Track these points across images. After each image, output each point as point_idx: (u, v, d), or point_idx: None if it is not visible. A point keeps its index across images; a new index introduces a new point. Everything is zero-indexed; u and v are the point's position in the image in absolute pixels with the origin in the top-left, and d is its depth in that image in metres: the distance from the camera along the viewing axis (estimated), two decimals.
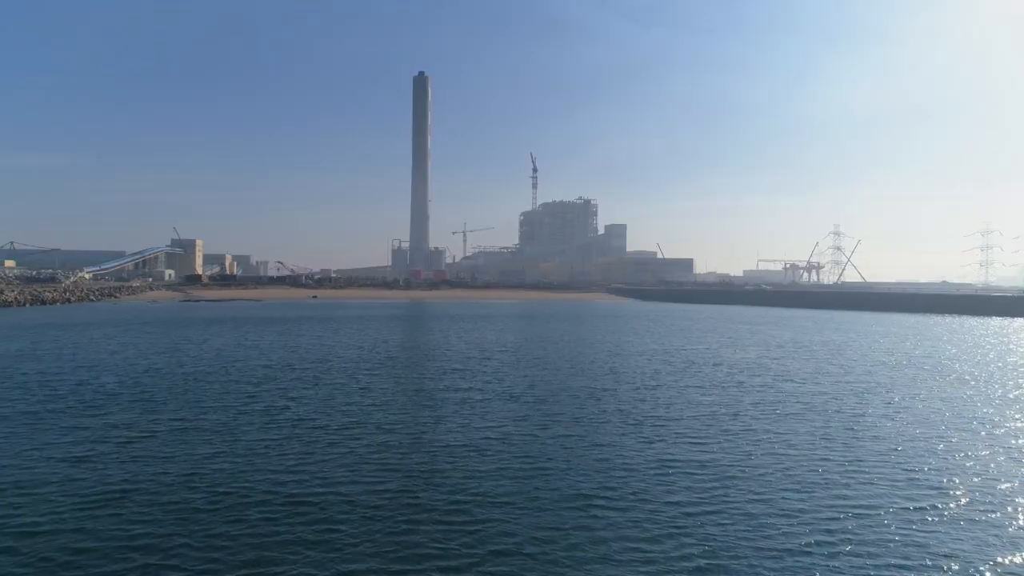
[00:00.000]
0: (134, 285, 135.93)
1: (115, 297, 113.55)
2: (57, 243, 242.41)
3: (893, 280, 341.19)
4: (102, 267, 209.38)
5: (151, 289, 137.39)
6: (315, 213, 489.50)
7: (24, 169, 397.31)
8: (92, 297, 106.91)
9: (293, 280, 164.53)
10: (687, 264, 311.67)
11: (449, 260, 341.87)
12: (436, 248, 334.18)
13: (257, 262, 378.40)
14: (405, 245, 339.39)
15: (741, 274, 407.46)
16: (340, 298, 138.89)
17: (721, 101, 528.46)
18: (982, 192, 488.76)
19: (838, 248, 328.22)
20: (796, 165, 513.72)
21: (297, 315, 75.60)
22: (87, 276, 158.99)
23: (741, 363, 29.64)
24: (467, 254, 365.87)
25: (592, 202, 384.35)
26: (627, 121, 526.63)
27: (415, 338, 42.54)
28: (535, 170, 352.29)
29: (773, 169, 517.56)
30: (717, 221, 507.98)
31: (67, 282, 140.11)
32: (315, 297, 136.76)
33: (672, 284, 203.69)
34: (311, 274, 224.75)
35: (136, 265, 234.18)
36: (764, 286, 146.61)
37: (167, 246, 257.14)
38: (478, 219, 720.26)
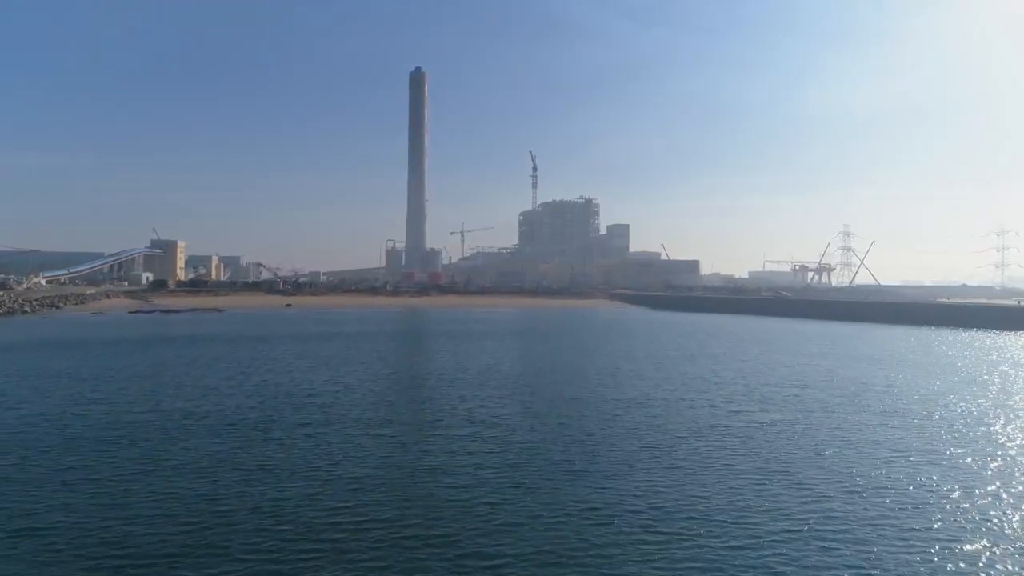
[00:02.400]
0: (88, 292, 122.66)
1: (57, 307, 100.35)
2: (50, 244, 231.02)
3: (899, 282, 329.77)
4: (71, 271, 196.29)
5: (108, 296, 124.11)
6: (311, 213, 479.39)
7: (24, 169, 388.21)
8: (27, 308, 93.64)
9: (270, 286, 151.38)
10: (693, 266, 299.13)
11: (446, 261, 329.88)
12: (432, 249, 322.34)
13: (248, 263, 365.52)
14: (399, 246, 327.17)
15: (746, 275, 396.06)
16: (318, 306, 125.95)
17: (721, 101, 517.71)
18: (982, 192, 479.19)
19: (848, 249, 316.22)
20: (797, 165, 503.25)
21: (244, 332, 63.23)
22: (43, 281, 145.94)
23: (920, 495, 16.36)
24: (465, 255, 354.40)
25: (594, 201, 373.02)
26: (627, 121, 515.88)
27: (353, 388, 29.28)
28: (535, 169, 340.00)
29: (774, 169, 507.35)
30: (718, 221, 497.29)
31: (20, 288, 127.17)
32: (289, 305, 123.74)
33: (679, 288, 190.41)
34: (293, 277, 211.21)
35: (112, 267, 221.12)
36: (783, 293, 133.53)
37: (146, 247, 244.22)
38: (477, 219, 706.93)
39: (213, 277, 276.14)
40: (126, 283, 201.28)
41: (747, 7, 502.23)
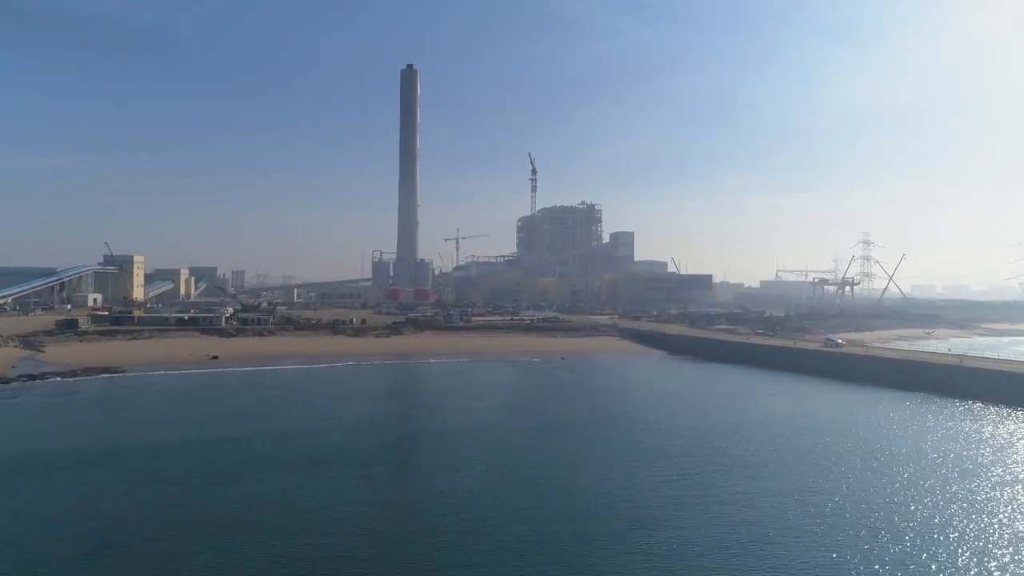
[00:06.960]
0: None
1: None
2: (14, 259, 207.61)
3: (908, 287, 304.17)
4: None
5: None
6: (297, 219, 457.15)
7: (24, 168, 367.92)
8: None
9: (210, 322, 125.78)
10: (706, 281, 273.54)
11: (437, 271, 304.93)
12: (422, 260, 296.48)
13: (234, 272, 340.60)
14: (387, 256, 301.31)
15: (758, 285, 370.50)
16: (254, 357, 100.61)
17: (726, 99, 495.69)
18: (988, 195, 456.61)
19: (867, 258, 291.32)
20: (803, 165, 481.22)
21: (60, 445, 49.11)
22: None
23: None
24: (459, 263, 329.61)
25: (596, 207, 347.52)
26: (631, 120, 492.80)
27: None
28: (534, 172, 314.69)
29: (778, 170, 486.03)
30: (724, 222, 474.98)
31: None
32: (215, 358, 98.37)
33: (698, 318, 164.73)
34: (255, 301, 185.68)
35: (53, 289, 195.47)
36: (839, 340, 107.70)
37: (98, 264, 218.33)
38: (473, 224, 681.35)
39: (182, 292, 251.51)
40: (69, 306, 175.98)
41: (752, 2, 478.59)
